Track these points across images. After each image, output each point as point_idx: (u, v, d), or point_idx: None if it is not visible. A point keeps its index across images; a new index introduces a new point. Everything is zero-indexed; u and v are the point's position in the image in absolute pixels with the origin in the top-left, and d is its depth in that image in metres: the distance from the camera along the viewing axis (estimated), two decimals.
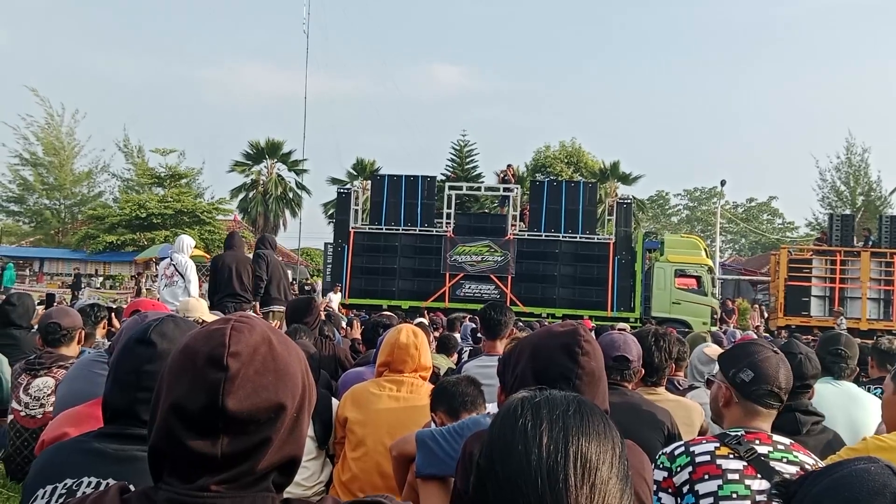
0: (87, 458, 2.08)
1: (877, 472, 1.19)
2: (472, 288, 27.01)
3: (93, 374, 3.78)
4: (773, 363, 2.83)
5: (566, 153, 49.46)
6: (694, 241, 29.38)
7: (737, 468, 2.61)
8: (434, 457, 3.08)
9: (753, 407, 2.81)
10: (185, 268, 10.57)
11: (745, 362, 2.86)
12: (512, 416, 1.26)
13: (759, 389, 2.80)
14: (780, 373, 2.81)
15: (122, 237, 40.20)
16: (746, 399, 2.83)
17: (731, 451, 2.65)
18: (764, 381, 2.79)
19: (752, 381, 2.81)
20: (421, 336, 4.45)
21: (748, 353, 2.91)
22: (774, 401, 2.81)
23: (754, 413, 2.81)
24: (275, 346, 1.45)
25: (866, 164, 47.95)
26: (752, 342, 3.07)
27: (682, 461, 2.70)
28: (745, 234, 70.91)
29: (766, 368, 2.81)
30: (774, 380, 2.79)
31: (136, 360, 2.19)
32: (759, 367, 2.82)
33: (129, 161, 46.88)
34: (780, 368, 2.82)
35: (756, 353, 2.88)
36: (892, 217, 28.89)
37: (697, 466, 2.65)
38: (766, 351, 2.89)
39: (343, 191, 30.03)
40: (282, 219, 46.64)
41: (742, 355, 2.91)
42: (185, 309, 5.85)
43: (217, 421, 1.36)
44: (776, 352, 2.90)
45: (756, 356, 2.86)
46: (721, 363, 3.02)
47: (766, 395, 2.80)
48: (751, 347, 2.96)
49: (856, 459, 1.25)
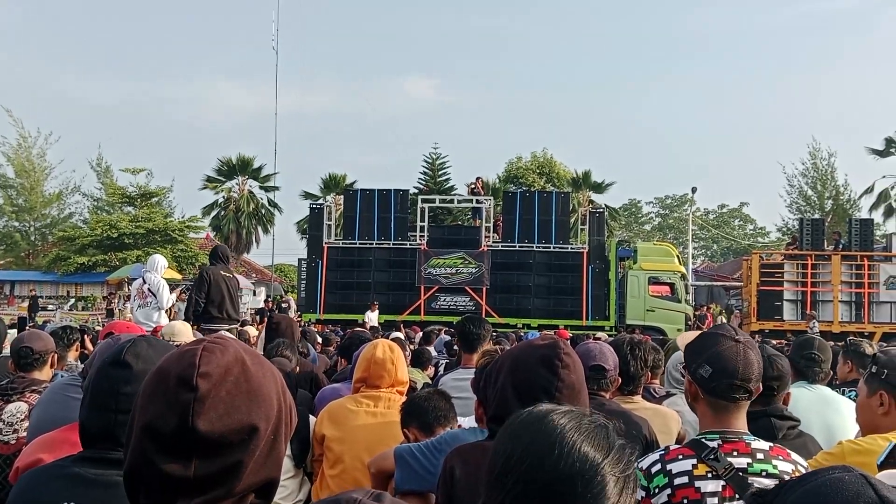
0: (66, 484, 2.05)
1: (851, 480, 1.19)
2: (447, 300, 27.03)
3: (66, 398, 3.74)
4: (732, 354, 2.65)
5: (538, 164, 49.59)
6: (666, 249, 29.59)
7: (715, 490, 2.52)
8: (413, 472, 3.07)
9: (718, 402, 2.68)
10: (158, 287, 10.49)
11: (703, 356, 2.71)
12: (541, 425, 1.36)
13: (720, 384, 2.64)
14: (741, 363, 2.64)
15: (93, 258, 39.83)
16: (710, 395, 2.69)
17: (709, 468, 2.56)
18: (723, 374, 2.64)
19: (711, 376, 2.66)
20: (397, 351, 4.43)
21: (706, 346, 2.75)
22: (739, 393, 2.65)
23: (722, 408, 2.68)
24: (248, 367, 1.44)
25: (833, 169, 48.52)
26: (713, 332, 2.86)
27: (660, 482, 2.59)
28: (716, 240, 71.36)
29: (725, 361, 2.64)
30: (734, 372, 2.63)
31: (111, 382, 2.17)
32: (717, 360, 2.66)
33: (100, 180, 46.58)
34: (741, 358, 2.65)
35: (714, 346, 2.71)
36: (861, 220, 29.26)
37: (676, 489, 2.56)
38: (725, 341, 2.70)
39: (315, 206, 30.01)
40: (254, 235, 46.50)
41: (701, 349, 2.76)
42: (171, 333, 5.83)
43: (188, 442, 1.35)
44: (737, 340, 2.70)
45: (714, 348, 2.70)
46: (685, 358, 2.90)
47: (728, 389, 2.64)
48: (709, 340, 2.78)
49: (830, 468, 1.25)
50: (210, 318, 9.82)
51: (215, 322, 9.76)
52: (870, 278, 26.64)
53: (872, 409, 3.19)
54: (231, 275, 10.15)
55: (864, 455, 2.89)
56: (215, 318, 9.84)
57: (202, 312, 9.86)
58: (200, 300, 9.84)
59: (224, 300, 9.89)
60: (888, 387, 3.14)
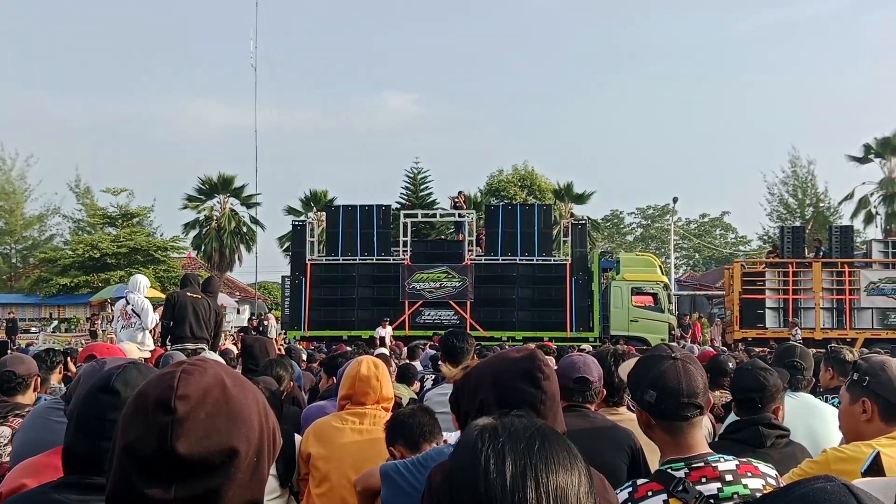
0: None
1: (833, 491, 1.19)
2: (431, 315, 27.02)
3: (50, 422, 3.71)
4: (673, 374, 2.61)
5: (519, 176, 49.70)
6: (649, 259, 29.70)
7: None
8: (399, 490, 3.07)
9: (671, 424, 2.62)
10: (142, 308, 10.45)
11: (646, 382, 2.67)
12: (474, 446, 1.24)
13: (668, 406, 2.60)
14: (683, 380, 2.60)
15: (75, 279, 39.59)
16: (661, 419, 2.64)
17: (680, 501, 2.47)
18: (669, 395, 2.60)
19: (657, 400, 2.61)
20: (382, 367, 4.42)
21: (646, 371, 2.71)
22: (689, 410, 2.60)
23: (677, 429, 2.62)
24: (229, 389, 1.43)
25: (813, 176, 48.86)
26: (650, 355, 2.85)
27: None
28: (698, 250, 71.72)
29: (667, 382, 2.60)
30: (679, 391, 2.59)
31: (99, 408, 2.15)
32: (659, 383, 2.62)
33: (80, 202, 46.39)
34: (682, 376, 2.61)
35: (653, 369, 2.67)
36: (841, 227, 29.46)
37: None
38: (663, 362, 2.66)
39: (298, 223, 30.01)
40: (237, 254, 46.31)
41: (641, 375, 2.72)
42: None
43: (168, 466, 1.34)
44: (675, 358, 2.67)
45: (653, 371, 2.66)
46: (629, 387, 2.85)
47: (677, 409, 2.60)
48: (647, 363, 2.75)
49: (813, 479, 1.25)
50: (175, 339, 10.07)
51: (180, 342, 9.96)
52: (851, 285, 26.81)
53: (855, 417, 3.20)
54: (199, 296, 10.33)
55: (849, 463, 2.91)
56: (180, 337, 10.05)
57: (170, 333, 10.16)
58: (167, 322, 10.17)
59: (186, 319, 10.09)
60: (870, 394, 3.16)
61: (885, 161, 43.67)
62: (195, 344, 9.95)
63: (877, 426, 3.13)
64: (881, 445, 2.69)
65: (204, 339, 10.20)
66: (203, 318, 10.26)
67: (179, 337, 10.05)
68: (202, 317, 10.24)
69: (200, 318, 10.23)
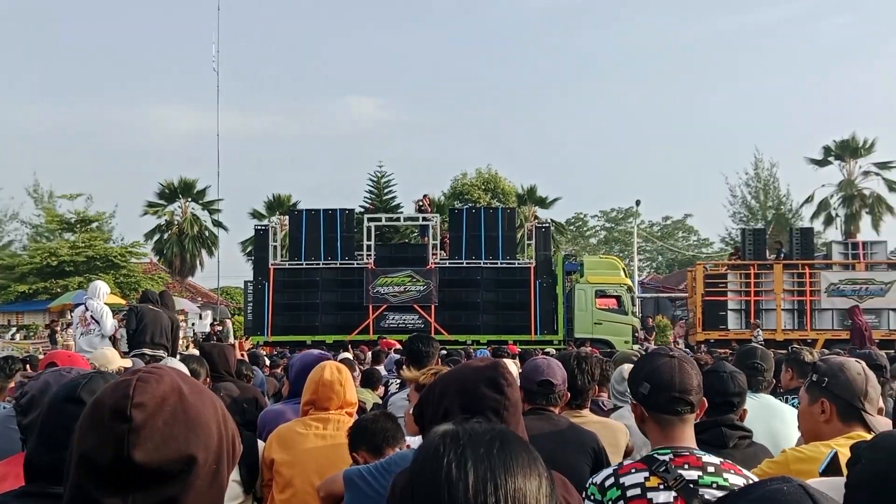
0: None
1: (790, 492, 1.21)
2: (395, 319, 26.97)
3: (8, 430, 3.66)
4: (667, 369, 2.79)
5: (483, 180, 49.75)
6: (612, 262, 29.92)
7: (667, 500, 2.58)
8: (363, 495, 3.06)
9: (662, 417, 2.79)
10: (101, 314, 10.37)
11: (641, 375, 2.86)
12: (435, 452, 1.25)
13: (660, 399, 2.78)
14: (676, 377, 2.78)
15: (33, 286, 39.05)
16: (653, 411, 2.81)
17: (661, 479, 2.62)
18: (661, 388, 2.77)
19: (650, 392, 2.80)
20: (345, 372, 4.41)
21: (643, 365, 2.92)
22: (681, 406, 2.78)
23: (667, 423, 2.79)
24: (185, 397, 1.42)
25: (775, 179, 49.47)
26: (650, 353, 3.07)
27: (613, 495, 2.66)
28: (661, 252, 72.21)
29: (661, 376, 2.78)
30: (671, 385, 2.76)
31: (64, 419, 2.12)
32: (653, 377, 2.80)
33: (38, 207, 45.78)
34: (677, 372, 2.79)
35: (649, 364, 2.88)
36: (802, 229, 29.85)
37: (629, 501, 2.62)
38: (659, 359, 2.86)
39: (261, 227, 29.85)
40: (199, 258, 45.91)
41: (639, 370, 2.93)
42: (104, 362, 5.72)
43: (125, 474, 1.33)
44: (672, 356, 2.86)
45: (649, 366, 2.86)
46: (628, 383, 3.05)
47: (669, 402, 2.77)
48: (645, 359, 2.97)
49: (770, 480, 1.28)
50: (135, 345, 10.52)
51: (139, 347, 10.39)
52: (811, 286, 27.10)
53: (814, 417, 3.24)
54: (158, 310, 10.90)
55: (807, 463, 2.95)
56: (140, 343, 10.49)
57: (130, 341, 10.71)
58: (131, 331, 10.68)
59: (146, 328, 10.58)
60: (829, 395, 3.20)
61: (843, 164, 44.32)
62: (154, 350, 10.15)
63: (835, 426, 3.18)
64: (839, 445, 2.73)
65: (163, 346, 10.47)
66: (163, 327, 10.71)
67: (139, 342, 10.35)
68: (163, 327, 10.69)
69: (161, 328, 10.65)
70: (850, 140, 43.21)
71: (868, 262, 27.57)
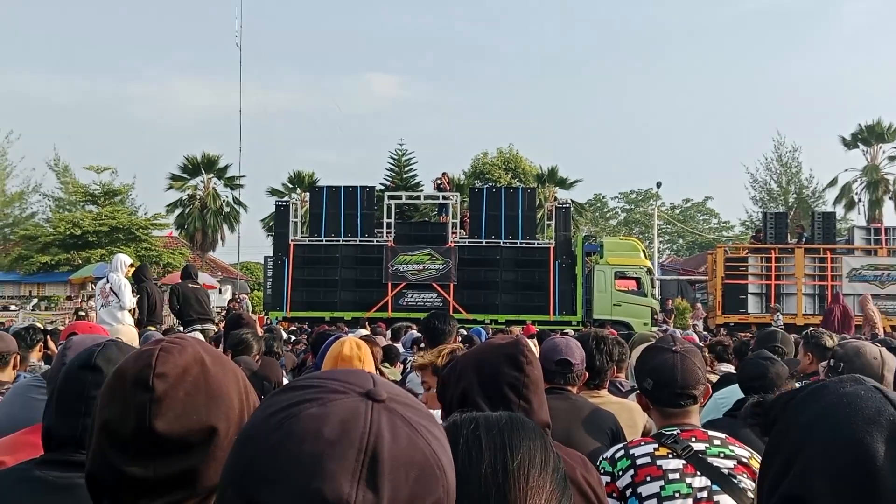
0: (28, 487, 2.02)
1: (868, 396, 1.07)
2: (414, 297, 26.98)
3: (29, 399, 3.68)
4: (669, 365, 2.84)
5: (504, 159, 49.63)
6: (632, 244, 29.75)
7: (677, 467, 2.64)
8: None
9: (665, 410, 2.87)
10: (119, 287, 10.45)
11: (645, 370, 2.92)
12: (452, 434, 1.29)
13: (662, 395, 2.85)
14: (679, 372, 2.82)
15: (56, 257, 39.28)
16: (656, 405, 2.90)
17: (670, 450, 2.68)
18: (663, 385, 2.83)
19: (653, 388, 2.87)
20: (364, 347, 4.40)
21: (647, 359, 2.97)
22: (683, 399, 2.84)
23: (671, 415, 2.86)
24: (208, 367, 1.43)
25: (798, 163, 49.04)
26: (654, 346, 3.10)
27: (623, 464, 2.72)
28: (682, 235, 71.86)
29: (662, 372, 2.84)
30: (672, 381, 2.82)
31: (81, 386, 2.13)
32: (655, 373, 2.86)
33: (60, 180, 45.96)
34: (678, 368, 2.83)
35: (652, 359, 2.93)
36: (824, 213, 29.64)
37: (639, 469, 2.67)
38: (662, 354, 2.90)
39: (281, 203, 29.83)
40: (220, 233, 46.07)
41: (643, 363, 2.98)
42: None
43: (147, 444, 1.34)
44: (675, 351, 2.88)
45: (652, 362, 2.91)
46: (635, 372, 3.09)
47: (672, 398, 2.84)
48: (649, 353, 3.01)
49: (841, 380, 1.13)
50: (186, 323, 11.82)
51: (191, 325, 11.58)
52: (833, 271, 26.93)
53: None
54: (197, 286, 12.31)
55: None
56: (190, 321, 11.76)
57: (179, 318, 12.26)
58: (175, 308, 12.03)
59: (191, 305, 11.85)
60: None
61: (868, 148, 43.86)
62: (203, 325, 11.47)
63: None
64: None
65: (210, 319, 12.02)
66: (205, 301, 12.19)
67: (189, 320, 11.73)
68: (204, 301, 12.18)
69: (204, 302, 12.16)
70: (876, 125, 42.75)
71: (891, 247, 27.36)
